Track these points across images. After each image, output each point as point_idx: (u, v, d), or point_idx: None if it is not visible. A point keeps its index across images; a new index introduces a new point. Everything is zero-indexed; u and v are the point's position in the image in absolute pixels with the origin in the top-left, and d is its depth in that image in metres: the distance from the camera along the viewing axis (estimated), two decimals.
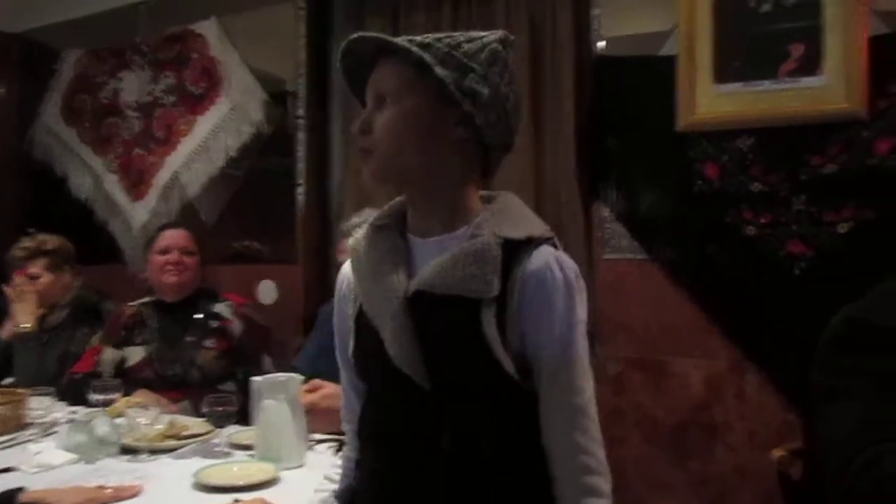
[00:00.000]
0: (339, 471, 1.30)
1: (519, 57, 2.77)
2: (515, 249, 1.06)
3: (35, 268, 2.79)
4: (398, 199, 1.19)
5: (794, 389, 2.35)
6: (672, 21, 2.50)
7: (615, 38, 2.64)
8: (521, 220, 1.11)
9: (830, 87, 2.29)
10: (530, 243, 1.07)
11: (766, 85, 2.37)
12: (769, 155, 2.37)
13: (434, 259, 1.08)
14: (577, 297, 1.08)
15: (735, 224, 2.42)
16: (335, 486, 1.29)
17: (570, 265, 1.09)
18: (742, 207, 2.41)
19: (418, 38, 1.08)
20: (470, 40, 1.08)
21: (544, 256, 1.07)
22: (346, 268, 1.22)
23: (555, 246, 1.11)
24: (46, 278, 2.80)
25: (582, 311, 1.09)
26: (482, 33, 1.11)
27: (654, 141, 2.54)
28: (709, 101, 2.43)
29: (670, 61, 2.50)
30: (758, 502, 2.38)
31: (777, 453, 1.86)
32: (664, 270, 2.53)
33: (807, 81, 2.33)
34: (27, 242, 2.84)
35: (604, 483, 1.07)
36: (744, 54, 2.40)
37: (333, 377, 1.88)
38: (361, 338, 1.15)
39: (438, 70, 1.04)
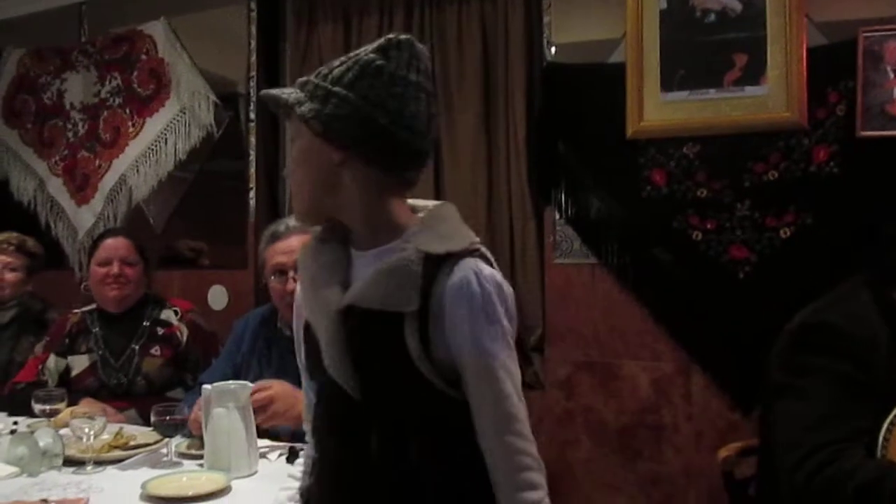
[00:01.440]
0: (303, 468, 1.34)
1: (471, 63, 2.80)
2: (437, 264, 1.09)
3: (12, 258, 2.77)
4: None
5: (738, 390, 2.41)
6: (621, 29, 2.55)
7: (565, 44, 2.68)
8: (447, 233, 1.13)
9: (772, 97, 2.36)
10: (452, 258, 1.10)
11: (712, 94, 2.43)
12: (714, 162, 2.43)
13: (368, 271, 1.12)
14: (499, 308, 1.10)
15: (682, 229, 2.47)
16: (300, 484, 1.34)
17: (490, 277, 1.10)
18: (688, 213, 2.46)
19: (305, 78, 1.15)
20: (343, 62, 1.12)
21: (464, 271, 1.09)
22: None
23: (483, 257, 1.13)
24: (17, 276, 2.77)
25: (504, 321, 1.11)
26: (364, 48, 1.14)
27: (604, 147, 2.58)
28: (656, 108, 2.49)
29: (619, 68, 2.54)
30: (704, 501, 2.44)
31: (723, 453, 1.89)
32: (613, 274, 2.58)
33: (750, 90, 2.40)
34: (12, 235, 2.82)
35: (539, 476, 1.13)
36: (690, 63, 2.46)
37: None
38: (308, 346, 1.21)
39: (301, 108, 1.11)
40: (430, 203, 1.21)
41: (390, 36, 1.13)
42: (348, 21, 3.00)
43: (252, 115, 3.17)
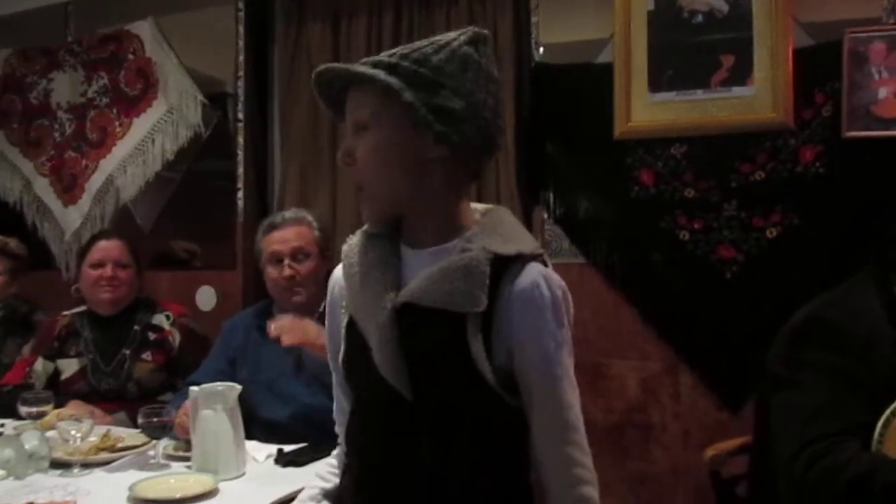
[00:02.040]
0: (332, 469, 1.31)
1: None
2: (505, 265, 1.06)
3: None
4: None
5: (725, 389, 2.43)
6: (609, 29, 2.55)
7: (553, 44, 2.68)
8: (512, 235, 1.11)
9: (759, 97, 2.37)
10: (519, 260, 1.07)
11: (699, 94, 2.44)
12: (701, 162, 2.44)
13: (425, 270, 1.08)
14: (565, 315, 1.09)
15: (669, 229, 2.48)
16: (325, 485, 1.30)
17: (558, 283, 1.09)
18: (676, 213, 2.47)
19: (385, 59, 1.07)
20: (438, 49, 1.06)
21: (533, 274, 1.07)
22: (338, 272, 1.22)
23: (544, 263, 1.11)
24: (0, 279, 2.76)
25: (568, 329, 1.10)
26: (451, 36, 1.08)
27: (592, 147, 2.59)
28: (644, 109, 2.49)
29: (607, 69, 2.55)
30: (692, 500, 2.45)
31: (709, 453, 1.91)
32: (602, 274, 2.58)
33: (737, 91, 2.41)
34: None
35: (594, 491, 1.12)
36: (677, 64, 2.47)
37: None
38: (350, 345, 1.16)
39: (407, 95, 1.03)
40: (481, 205, 1.19)
41: (475, 29, 1.10)
42: (337, 22, 2.99)
43: (241, 115, 3.16)
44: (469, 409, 1.08)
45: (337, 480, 1.29)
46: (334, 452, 1.34)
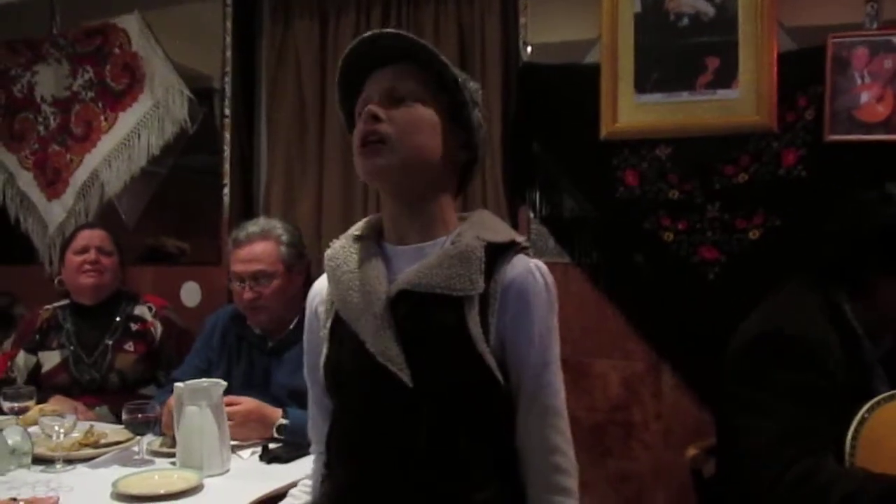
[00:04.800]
0: (305, 489, 1.31)
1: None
2: (497, 253, 1.12)
3: None
4: (373, 215, 1.25)
5: (706, 389, 2.45)
6: (596, 30, 2.56)
7: (541, 45, 2.69)
8: (499, 229, 1.17)
9: (743, 100, 2.39)
10: (512, 248, 1.14)
11: (684, 96, 2.46)
12: (686, 164, 2.46)
13: (413, 264, 1.12)
14: (555, 303, 1.15)
15: (653, 230, 2.50)
16: (300, 502, 1.30)
17: (547, 272, 1.15)
18: (660, 214, 2.49)
19: (458, 74, 1.17)
20: (466, 77, 1.18)
21: (525, 263, 1.13)
22: (318, 285, 1.25)
23: (527, 255, 1.17)
24: None
25: (556, 316, 1.16)
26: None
27: (578, 147, 2.60)
28: (629, 110, 2.51)
29: (594, 69, 2.56)
30: (673, 499, 2.47)
31: (690, 452, 1.93)
32: (586, 274, 2.60)
33: (722, 94, 2.43)
34: None
35: (573, 483, 1.13)
36: (663, 66, 2.48)
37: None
38: (336, 344, 1.17)
39: (471, 111, 1.16)
40: (469, 213, 1.24)
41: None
42: (325, 18, 2.98)
43: (227, 111, 3.15)
44: (468, 395, 1.09)
45: (307, 498, 1.29)
46: (307, 473, 1.33)
